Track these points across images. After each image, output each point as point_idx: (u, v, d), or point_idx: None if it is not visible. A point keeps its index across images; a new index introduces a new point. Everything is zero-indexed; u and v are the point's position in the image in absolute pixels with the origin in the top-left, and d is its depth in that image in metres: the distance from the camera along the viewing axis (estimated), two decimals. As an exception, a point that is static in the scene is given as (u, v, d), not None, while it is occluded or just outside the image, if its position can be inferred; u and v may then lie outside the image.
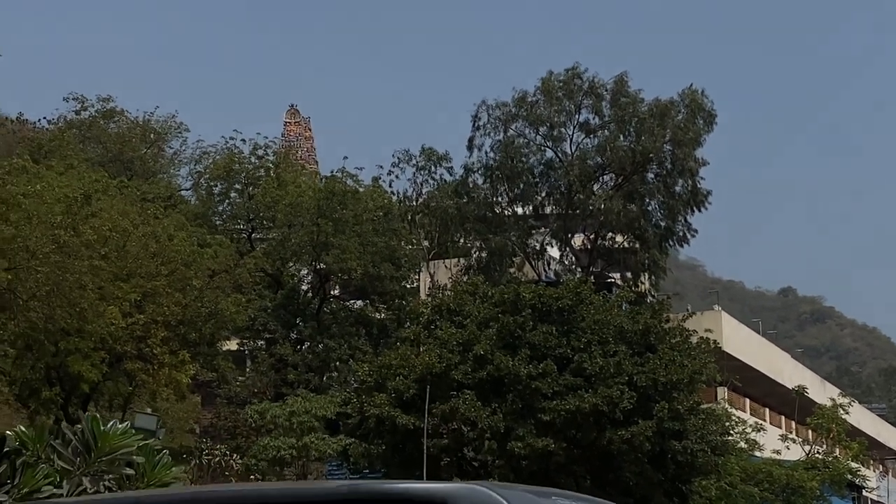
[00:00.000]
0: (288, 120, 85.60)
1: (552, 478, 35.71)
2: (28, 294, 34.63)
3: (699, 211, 49.33)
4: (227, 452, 43.74)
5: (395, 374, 36.23)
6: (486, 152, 49.96)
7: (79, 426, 10.55)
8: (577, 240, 52.04)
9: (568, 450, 35.43)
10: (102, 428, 9.48)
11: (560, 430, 34.92)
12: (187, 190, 67.42)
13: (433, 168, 51.59)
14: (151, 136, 69.56)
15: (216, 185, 62.74)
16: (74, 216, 37.71)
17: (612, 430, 34.88)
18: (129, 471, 9.08)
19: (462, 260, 51.39)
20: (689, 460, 36.46)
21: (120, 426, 9.74)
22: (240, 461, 41.85)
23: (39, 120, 71.13)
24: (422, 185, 51.63)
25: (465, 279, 45.70)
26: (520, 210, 50.78)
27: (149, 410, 30.57)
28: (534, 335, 35.58)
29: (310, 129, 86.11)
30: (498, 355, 35.02)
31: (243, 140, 62.52)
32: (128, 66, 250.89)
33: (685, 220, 49.79)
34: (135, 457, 9.11)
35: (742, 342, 58.32)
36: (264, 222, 62.65)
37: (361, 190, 61.06)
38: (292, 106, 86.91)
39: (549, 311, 36.56)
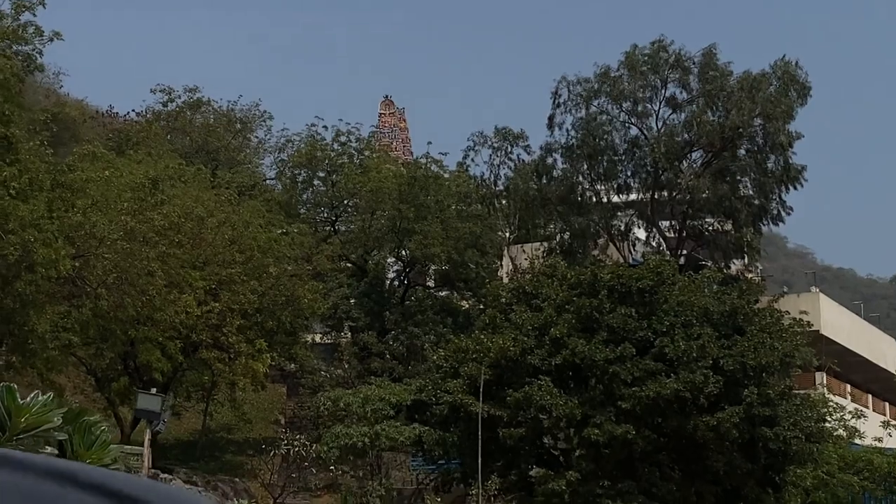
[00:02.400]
0: (382, 111, 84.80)
1: (635, 467, 34.18)
2: (97, 281, 33.94)
3: (794, 188, 47.13)
4: (307, 443, 42.71)
5: (469, 360, 34.92)
6: (567, 130, 48.27)
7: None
8: (665, 220, 50.10)
9: (651, 438, 33.76)
10: (20, 401, 8.23)
11: (641, 418, 33.29)
12: (272, 179, 66.84)
13: (509, 148, 49.96)
14: (237, 125, 69.11)
15: (299, 173, 61.97)
16: (142, 202, 37.04)
17: (698, 417, 33.15)
18: (50, 450, 7.82)
19: (544, 244, 49.71)
20: (782, 448, 34.54)
21: (41, 398, 8.47)
22: (314, 450, 40.90)
23: (128, 112, 71.32)
24: (499, 166, 50.00)
25: (544, 262, 44.11)
26: (603, 190, 48.96)
27: (153, 390, 29.36)
28: (612, 318, 33.98)
29: (405, 120, 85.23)
30: (574, 339, 33.49)
31: (325, 127, 61.67)
32: (220, 56, 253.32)
33: (780, 197, 47.60)
34: (56, 433, 7.84)
35: (842, 326, 55.89)
36: (348, 209, 61.77)
37: (446, 175, 59.90)
38: (387, 97, 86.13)
39: (628, 292, 34.89)
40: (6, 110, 29.90)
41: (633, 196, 49.55)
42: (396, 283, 60.58)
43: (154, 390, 29.88)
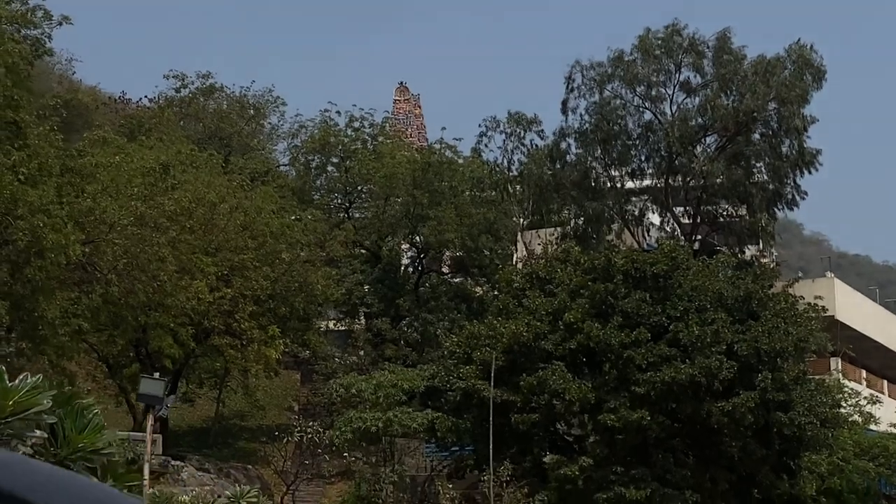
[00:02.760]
0: (397, 98, 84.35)
1: (649, 453, 33.94)
2: (107, 267, 33.76)
3: (808, 172, 46.72)
4: (320, 430, 42.50)
5: (482, 346, 34.70)
6: (580, 115, 47.90)
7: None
8: (679, 206, 49.71)
9: (665, 423, 33.51)
10: (8, 384, 7.97)
11: (655, 403, 33.04)
12: (285, 165, 66.62)
13: (522, 133, 49.53)
14: (250, 111, 68.88)
15: (313, 159, 61.71)
16: (152, 187, 36.87)
17: (712, 402, 32.90)
18: (38, 433, 7.56)
19: (558, 229, 49.35)
20: (796, 434, 34.28)
21: (31, 379, 8.21)
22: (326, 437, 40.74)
23: (141, 99, 71.15)
24: (512, 152, 49.60)
25: (558, 247, 43.80)
26: (617, 175, 48.59)
27: (157, 375, 29.09)
28: (626, 303, 33.73)
29: (419, 107, 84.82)
30: (588, 324, 33.24)
31: (338, 112, 61.39)
32: (233, 41, 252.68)
33: (794, 181, 47.19)
34: (45, 416, 7.58)
35: (857, 311, 55.44)
36: (362, 195, 61.52)
37: (460, 161, 59.59)
38: (401, 83, 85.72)
39: (642, 277, 34.63)
40: (15, 95, 29.68)
41: (647, 181, 49.16)
42: (411, 269, 60.31)
43: (157, 375, 29.55)
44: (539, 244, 48.45)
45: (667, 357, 32.90)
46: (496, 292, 48.97)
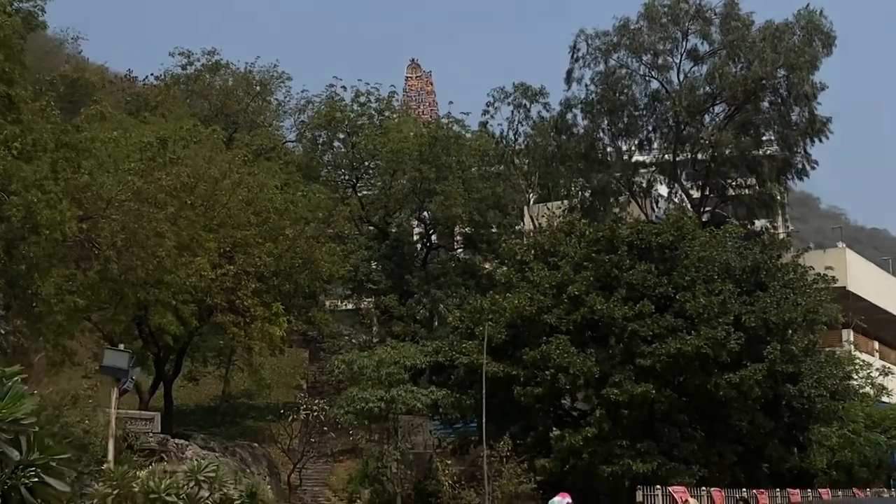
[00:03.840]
0: (409, 74, 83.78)
1: (655, 427, 33.42)
2: (106, 244, 33.24)
3: (819, 140, 45.90)
4: (326, 408, 42.05)
5: (485, 320, 34.17)
6: (585, 85, 47.16)
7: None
8: (688, 177, 49.00)
9: (672, 397, 32.95)
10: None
11: (661, 376, 32.50)
12: (293, 141, 66.12)
13: (528, 105, 48.80)
14: (257, 87, 68.33)
15: (319, 135, 61.20)
16: (150, 162, 36.32)
17: (719, 375, 32.32)
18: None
19: (565, 202, 48.66)
20: (805, 406, 33.77)
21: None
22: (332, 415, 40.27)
23: (147, 77, 70.71)
24: (518, 124, 48.87)
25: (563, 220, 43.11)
26: (624, 147, 47.84)
27: (121, 347, 28.52)
28: (631, 275, 33.14)
29: (431, 83, 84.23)
30: (592, 296, 32.66)
31: (343, 87, 60.83)
32: (244, 19, 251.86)
33: (805, 150, 46.42)
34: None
35: (871, 282, 54.72)
36: (369, 171, 61.01)
37: (468, 136, 59.00)
38: (413, 60, 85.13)
39: (648, 248, 34.03)
40: (6, 68, 29.15)
41: (654, 152, 48.44)
42: (419, 245, 59.82)
43: (122, 346, 28.90)
44: (543, 215, 47.78)
45: (673, 328, 32.35)
46: (499, 265, 48.46)
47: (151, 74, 69.77)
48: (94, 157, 34.81)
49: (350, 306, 58.35)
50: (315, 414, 40.91)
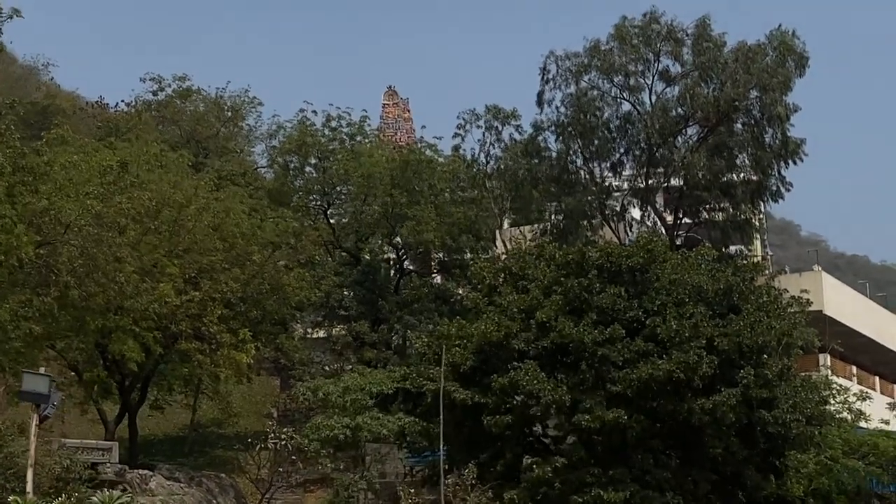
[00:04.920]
0: (386, 101, 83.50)
1: (629, 453, 32.64)
2: (65, 269, 32.42)
3: (794, 163, 45.35)
4: (294, 436, 41.27)
5: (452, 346, 33.40)
6: (556, 107, 46.53)
7: None
8: (661, 199, 48.47)
9: (645, 423, 32.18)
10: None
11: (633, 401, 31.71)
12: (264, 167, 65.55)
13: (500, 128, 48.21)
14: (228, 113, 67.81)
15: (291, 160, 60.57)
16: (110, 186, 35.53)
17: (692, 400, 31.56)
18: None
19: (538, 226, 48.01)
20: (781, 432, 32.97)
21: None
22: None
23: (118, 103, 70.24)
24: (490, 146, 48.24)
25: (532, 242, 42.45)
26: (597, 169, 47.29)
27: (42, 370, 27.65)
28: (601, 298, 32.41)
29: (408, 111, 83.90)
30: (562, 321, 31.93)
31: (314, 112, 60.26)
32: (219, 47, 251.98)
33: (779, 172, 45.86)
34: None
35: (847, 306, 54.19)
36: (341, 196, 60.39)
37: (441, 160, 58.46)
38: (390, 87, 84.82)
39: (618, 271, 33.33)
40: (-43, 90, 28.43)
41: (626, 173, 47.87)
42: (392, 271, 59.19)
43: (43, 369, 27.91)
44: (510, 239, 47.09)
45: (644, 353, 31.62)
46: (462, 290, 47.75)
47: (122, 101, 69.38)
48: (53, 181, 34.08)
49: (322, 334, 57.62)
50: (283, 443, 40.11)
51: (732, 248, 47.30)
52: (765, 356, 33.03)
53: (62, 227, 32.33)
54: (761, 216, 54.86)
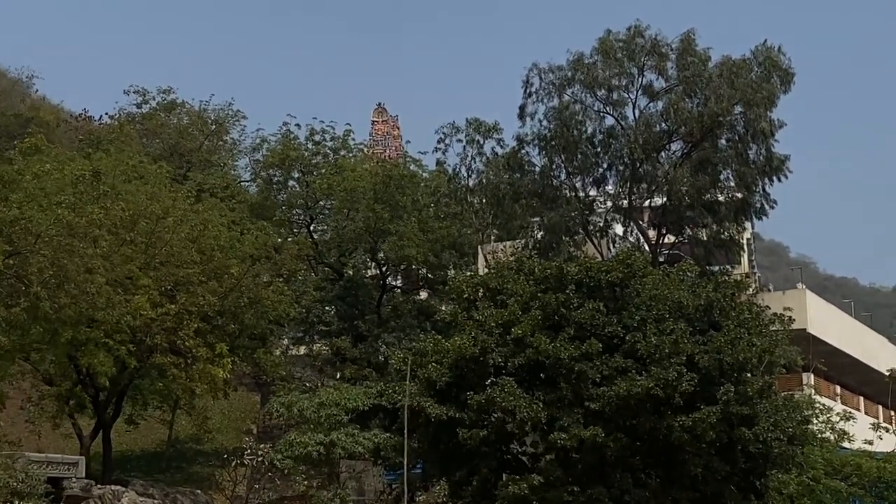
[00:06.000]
0: (375, 118, 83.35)
1: (607, 472, 32.04)
2: (36, 280, 31.86)
3: (778, 180, 44.90)
4: (272, 452, 40.66)
5: (428, 362, 32.83)
6: (539, 121, 46.04)
7: None
8: (644, 214, 47.97)
9: (624, 441, 31.58)
10: None
11: (611, 419, 31.12)
12: (248, 181, 65.09)
13: (482, 142, 47.74)
14: (212, 126, 67.39)
15: (274, 174, 60.13)
16: (82, 195, 35.02)
17: (672, 418, 30.96)
18: None
19: (519, 241, 47.49)
20: (762, 451, 32.32)
21: None
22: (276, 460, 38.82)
23: (101, 116, 69.90)
24: (472, 160, 47.72)
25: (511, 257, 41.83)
26: (580, 184, 46.79)
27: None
28: (580, 314, 31.85)
29: (398, 128, 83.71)
30: (538, 337, 31.35)
31: (298, 125, 59.87)
32: (209, 61, 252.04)
33: (763, 189, 45.38)
34: None
35: (832, 325, 53.69)
36: (325, 210, 59.95)
37: (425, 175, 58.05)
38: (379, 104, 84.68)
39: (597, 286, 32.79)
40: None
41: (609, 188, 47.39)
42: (376, 288, 58.69)
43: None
44: (496, 256, 46.48)
45: (622, 369, 31.04)
46: (440, 305, 47.13)
47: (106, 114, 69.04)
48: (24, 190, 33.59)
49: (304, 350, 57.08)
50: (261, 459, 39.52)
51: (716, 266, 46.75)
52: (746, 373, 32.44)
53: (33, 236, 31.83)
54: (748, 236, 54.44)
